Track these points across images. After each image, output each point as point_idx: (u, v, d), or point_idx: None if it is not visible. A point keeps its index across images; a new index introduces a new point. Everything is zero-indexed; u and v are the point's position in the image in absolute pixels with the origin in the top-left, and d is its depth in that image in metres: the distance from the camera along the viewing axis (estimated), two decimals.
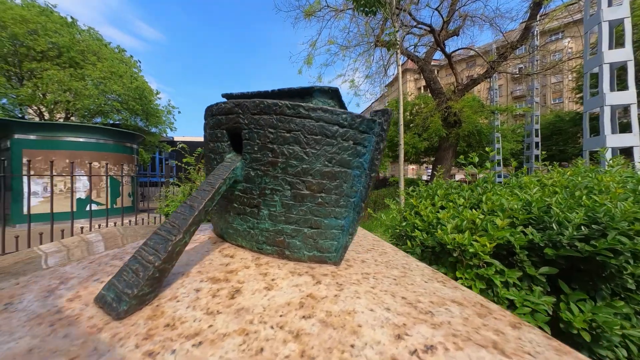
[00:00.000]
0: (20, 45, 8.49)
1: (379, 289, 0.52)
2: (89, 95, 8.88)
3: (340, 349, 0.34)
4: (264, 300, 0.45)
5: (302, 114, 0.55)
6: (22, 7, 8.83)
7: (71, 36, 9.21)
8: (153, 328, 0.37)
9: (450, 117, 9.72)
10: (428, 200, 1.89)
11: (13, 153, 7.12)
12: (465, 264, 1.15)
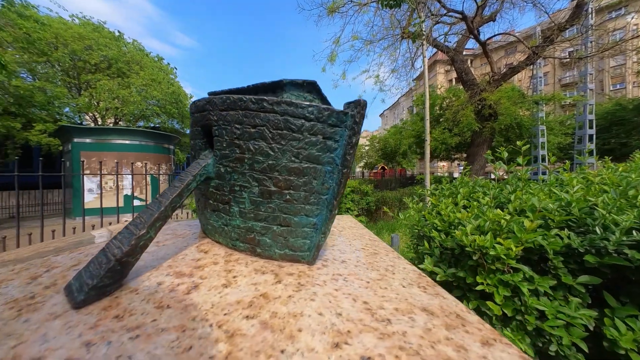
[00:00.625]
0: (78, 59, 9.67)
1: (342, 292, 0.49)
2: (134, 101, 9.81)
3: (269, 354, 0.33)
4: (216, 297, 0.45)
5: (266, 108, 0.54)
6: (79, 26, 10.03)
7: (118, 49, 10.25)
8: (102, 318, 0.39)
9: (484, 109, 9.00)
10: (450, 198, 1.77)
11: (73, 155, 8.13)
12: (487, 269, 1.04)
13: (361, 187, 7.94)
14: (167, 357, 0.32)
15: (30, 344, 0.34)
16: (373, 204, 8.23)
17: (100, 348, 0.33)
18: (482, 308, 1.02)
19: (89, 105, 9.87)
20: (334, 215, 0.59)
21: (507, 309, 0.95)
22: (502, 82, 9.06)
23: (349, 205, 6.78)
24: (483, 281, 1.03)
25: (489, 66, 9.26)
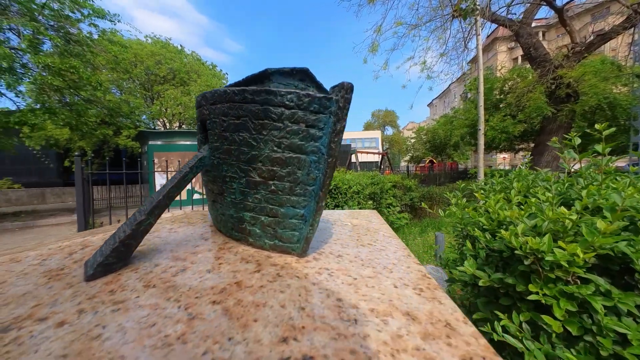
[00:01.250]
0: (151, 73, 11.33)
1: (319, 287, 0.47)
2: (193, 106, 11.09)
3: (216, 340, 0.33)
4: (196, 281, 0.47)
5: (247, 99, 0.54)
6: (152, 45, 11.71)
7: (181, 61, 11.66)
8: (101, 291, 0.45)
9: (560, 90, 7.54)
10: (502, 194, 1.55)
11: (148, 155, 9.60)
12: (544, 276, 0.87)
13: (404, 182, 7.52)
14: (132, 330, 0.35)
15: (44, 306, 0.41)
16: (417, 199, 7.73)
17: (87, 316, 0.38)
18: (538, 322, 0.85)
19: (160, 112, 11.52)
20: (321, 207, 0.56)
21: (571, 327, 0.78)
22: (586, 54, 7.42)
23: (390, 200, 6.50)
24: (538, 290, 0.86)
25: (567, 37, 7.68)
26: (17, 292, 0.45)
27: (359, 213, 1.32)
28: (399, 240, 0.86)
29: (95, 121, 9.10)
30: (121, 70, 9.62)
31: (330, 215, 1.20)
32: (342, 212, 1.31)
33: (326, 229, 0.90)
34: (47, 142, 9.08)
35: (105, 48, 8.63)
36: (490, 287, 1.05)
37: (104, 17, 8.18)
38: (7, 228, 7.34)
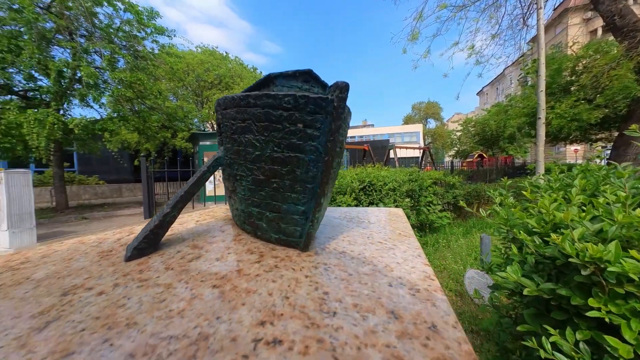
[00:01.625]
0: (201, 80, 12.52)
1: (310, 279, 0.49)
2: None
3: (207, 317, 0.38)
4: (205, 267, 0.54)
5: (250, 103, 0.58)
6: (201, 54, 12.91)
7: (226, 66, 12.62)
8: (133, 270, 0.54)
9: None
10: (560, 192, 1.37)
11: (199, 154, 10.65)
12: (609, 291, 0.76)
13: (447, 179, 6.99)
14: (147, 303, 0.43)
15: (92, 279, 0.52)
16: (462, 197, 7.12)
17: (119, 289, 0.47)
18: (601, 344, 0.72)
19: (208, 115, 12.69)
20: (320, 204, 0.58)
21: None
22: None
23: (430, 198, 6.13)
24: (601, 307, 0.74)
25: None
26: (78, 266, 0.57)
27: (380, 211, 1.29)
28: (414, 240, 0.83)
29: (157, 125, 10.41)
30: (176, 79, 10.81)
31: (349, 212, 1.20)
32: (362, 209, 1.30)
33: (339, 226, 0.92)
34: (122, 145, 10.70)
35: (164, 60, 9.77)
36: (540, 297, 0.94)
37: (163, 33, 9.27)
38: (95, 217, 8.93)
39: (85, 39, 8.38)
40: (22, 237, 5.14)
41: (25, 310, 0.42)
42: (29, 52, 7.03)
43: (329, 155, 0.55)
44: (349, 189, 4.55)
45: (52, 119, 7.16)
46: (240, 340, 0.34)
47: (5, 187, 4.97)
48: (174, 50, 10.94)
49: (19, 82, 8.26)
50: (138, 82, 8.58)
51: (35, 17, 7.02)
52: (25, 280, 0.53)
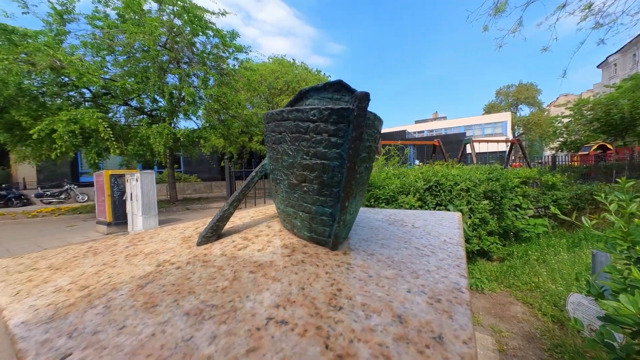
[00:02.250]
0: (271, 88, 13.85)
1: (330, 276, 0.54)
2: None
3: (239, 294, 0.48)
4: (248, 255, 0.65)
5: (284, 117, 0.66)
6: (272, 64, 14.26)
7: (292, 73, 13.59)
8: (199, 254, 0.70)
9: None
10: None
11: None
12: None
13: (542, 178, 5.72)
14: (204, 278, 0.56)
15: (175, 257, 0.70)
16: (567, 202, 5.70)
17: (189, 266, 0.63)
18: None
19: None
20: (346, 207, 0.62)
21: None
22: None
23: (517, 201, 5.15)
24: None
25: None
26: (169, 246, 0.78)
27: (431, 214, 1.21)
28: (459, 249, 0.77)
29: (237, 131, 12.07)
30: (252, 89, 12.27)
31: (395, 215, 1.17)
32: (410, 212, 1.25)
33: (378, 228, 0.92)
34: (212, 149, 12.84)
35: (242, 74, 11.21)
36: None
37: (241, 51, 10.66)
38: (195, 208, 11.04)
39: (187, 65, 10.42)
40: (149, 222, 6.83)
41: (135, 273, 0.62)
42: (153, 81, 9.22)
43: (352, 162, 0.58)
44: (412, 189, 4.28)
45: (167, 131, 9.21)
46: (257, 316, 0.42)
47: (140, 184, 6.70)
48: (250, 64, 12.46)
49: (148, 104, 10.95)
50: (223, 95, 10.16)
51: (157, 54, 9.15)
52: (139, 253, 0.75)
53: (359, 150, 0.59)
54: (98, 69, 8.67)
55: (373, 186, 4.41)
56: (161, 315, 0.44)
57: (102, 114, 8.45)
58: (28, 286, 0.60)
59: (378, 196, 4.22)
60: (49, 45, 7.96)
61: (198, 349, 0.36)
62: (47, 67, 7.77)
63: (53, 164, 12.26)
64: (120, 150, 9.32)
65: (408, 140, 16.25)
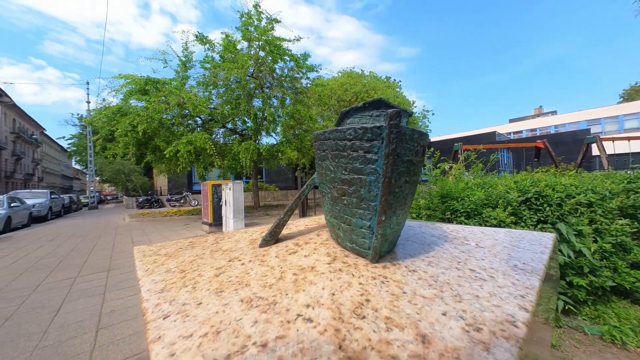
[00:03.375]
0: (340, 100, 14.36)
1: (360, 287, 0.56)
2: None
3: (281, 292, 0.57)
4: (295, 260, 0.74)
5: (326, 137, 0.73)
6: (341, 77, 14.83)
7: (361, 83, 13.75)
8: (259, 254, 0.84)
9: None
10: None
11: None
12: None
13: None
14: (259, 274, 0.68)
15: (241, 255, 0.85)
16: None
17: (250, 264, 0.77)
18: None
19: None
20: (382, 220, 0.63)
21: None
22: None
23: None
24: None
25: None
26: (239, 246, 0.95)
27: (509, 233, 1.03)
28: (531, 278, 0.65)
29: (309, 144, 12.94)
30: (322, 104, 13.04)
31: (458, 231, 1.06)
32: (480, 229, 1.10)
33: (431, 244, 0.87)
34: (288, 161, 14.16)
35: (314, 91, 12.08)
36: None
37: (312, 70, 11.56)
38: (273, 214, 12.32)
39: (269, 89, 12.01)
40: (238, 224, 8.05)
41: (214, 265, 0.79)
42: (243, 106, 11.01)
43: (386, 176, 0.60)
44: (501, 202, 3.63)
45: (253, 147, 10.76)
46: (291, 311, 0.49)
47: (232, 192, 8.01)
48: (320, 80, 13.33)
49: (239, 125, 13.12)
50: (297, 112, 11.18)
51: (246, 83, 10.94)
52: (219, 249, 0.96)
53: (394, 165, 0.60)
54: (206, 101, 10.99)
55: (449, 197, 3.98)
56: (224, 299, 0.57)
57: (208, 136, 10.62)
58: (152, 266, 0.86)
59: (456, 208, 3.77)
60: (178, 88, 10.66)
61: (243, 328, 0.46)
62: (176, 104, 10.38)
63: (177, 176, 16.07)
64: (219, 164, 11.43)
65: (499, 143, 13.70)
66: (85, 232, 9.42)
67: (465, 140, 14.30)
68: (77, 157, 22.28)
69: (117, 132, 9.88)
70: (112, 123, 10.27)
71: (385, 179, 0.60)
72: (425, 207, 4.16)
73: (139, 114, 9.74)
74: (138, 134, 9.78)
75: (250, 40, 11.58)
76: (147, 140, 11.15)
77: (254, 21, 11.13)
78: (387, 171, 0.60)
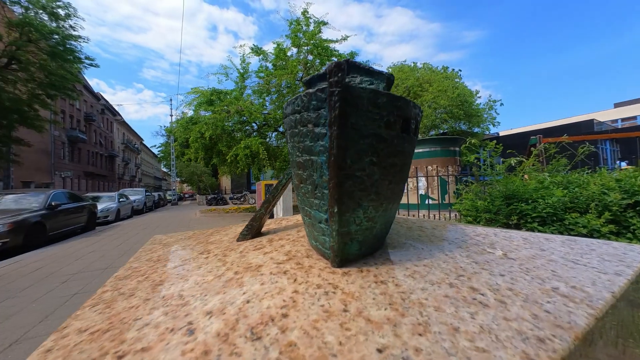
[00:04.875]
0: None
1: (288, 298, 0.43)
2: (426, 115, 11.59)
3: (211, 289, 0.48)
4: (251, 257, 0.65)
5: (284, 114, 0.61)
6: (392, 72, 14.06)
7: (414, 77, 12.75)
8: (228, 248, 0.78)
9: None
10: None
11: None
12: None
13: None
14: (206, 269, 0.61)
15: (212, 246, 0.81)
16: None
17: (208, 257, 0.71)
18: None
19: None
20: (335, 214, 0.48)
21: None
22: None
23: None
24: None
25: None
26: (218, 240, 0.91)
27: (574, 243, 0.72)
28: (578, 310, 0.41)
29: None
30: None
31: (485, 237, 0.80)
32: (533, 235, 0.80)
33: (434, 249, 0.65)
34: None
35: None
36: None
37: None
38: None
39: None
40: None
41: (185, 256, 0.76)
42: None
43: (332, 154, 0.45)
44: (593, 205, 2.80)
45: None
46: (186, 318, 0.40)
47: None
48: None
49: None
50: None
51: (296, 87, 11.37)
52: (205, 241, 0.93)
53: (346, 139, 0.45)
54: (260, 107, 11.87)
55: (516, 198, 3.29)
56: (152, 294, 0.52)
57: (262, 140, 11.43)
58: (141, 254, 0.89)
59: (525, 212, 3.09)
60: (237, 97, 11.81)
61: (128, 332, 0.39)
62: (235, 112, 11.51)
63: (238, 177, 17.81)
64: (272, 166, 12.19)
65: (599, 133, 10.67)
66: (167, 223, 11.28)
67: (548, 133, 11.70)
68: (164, 161, 27.18)
69: (190, 139, 11.51)
70: (186, 131, 12.02)
71: (332, 158, 0.45)
72: (484, 209, 3.55)
73: (206, 123, 11.13)
74: (205, 140, 11.19)
75: (299, 46, 12.01)
76: (213, 145, 12.66)
77: (302, 27, 11.51)
78: (332, 146, 0.45)
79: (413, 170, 11.07)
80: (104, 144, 30.38)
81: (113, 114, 34.49)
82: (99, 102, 29.83)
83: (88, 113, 26.22)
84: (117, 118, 36.16)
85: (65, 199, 6.87)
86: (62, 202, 6.55)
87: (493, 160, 4.26)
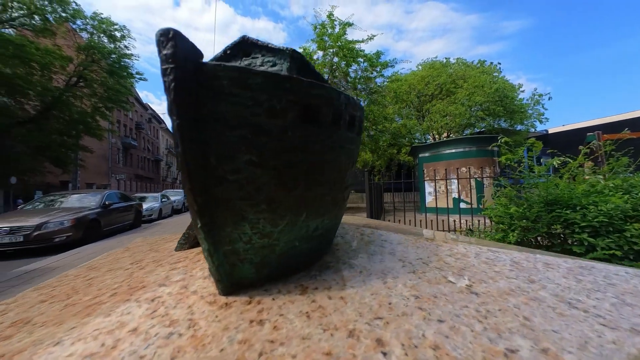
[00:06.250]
0: (421, 95, 12.89)
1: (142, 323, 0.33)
2: (459, 113, 10.74)
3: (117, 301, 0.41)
4: (161, 271, 0.57)
5: None
6: (421, 70, 13.32)
7: (446, 73, 11.92)
8: (158, 259, 0.71)
9: None
10: None
11: (419, 166, 10.90)
12: None
13: None
14: (111, 279, 0.54)
15: (153, 254, 0.75)
16: None
17: (143, 266, 0.65)
18: None
19: (429, 127, 12.66)
20: (214, 229, 0.38)
21: None
22: None
23: None
24: None
25: None
26: (167, 247, 0.86)
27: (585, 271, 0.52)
28: None
29: (385, 145, 12.21)
30: (400, 100, 12.06)
31: (477, 257, 0.62)
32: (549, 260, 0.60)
33: (383, 275, 0.51)
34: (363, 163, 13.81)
35: (389, 88, 11.36)
36: None
37: (387, 67, 10.90)
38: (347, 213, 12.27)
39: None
40: None
41: (123, 264, 0.72)
42: None
43: (178, 150, 0.35)
44: None
45: None
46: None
47: None
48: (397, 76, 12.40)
49: None
50: (370, 113, 10.75)
51: None
52: (156, 249, 0.89)
53: (200, 131, 0.34)
54: None
55: (560, 204, 2.83)
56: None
57: None
58: (99, 261, 0.87)
59: (572, 221, 2.63)
60: None
61: None
62: None
63: None
64: None
65: None
66: None
67: (608, 128, 9.88)
68: None
69: None
70: None
71: (180, 156, 0.35)
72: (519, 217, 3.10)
73: None
74: None
75: (324, 49, 12.01)
76: None
77: (327, 30, 11.50)
78: (177, 141, 0.35)
79: (444, 173, 10.31)
80: (151, 149, 33.94)
81: (159, 122, 38.42)
82: (147, 112, 33.41)
83: (138, 122, 29.50)
84: (162, 126, 40.15)
85: (117, 198, 7.70)
86: (114, 201, 7.35)
87: (531, 160, 3.72)
